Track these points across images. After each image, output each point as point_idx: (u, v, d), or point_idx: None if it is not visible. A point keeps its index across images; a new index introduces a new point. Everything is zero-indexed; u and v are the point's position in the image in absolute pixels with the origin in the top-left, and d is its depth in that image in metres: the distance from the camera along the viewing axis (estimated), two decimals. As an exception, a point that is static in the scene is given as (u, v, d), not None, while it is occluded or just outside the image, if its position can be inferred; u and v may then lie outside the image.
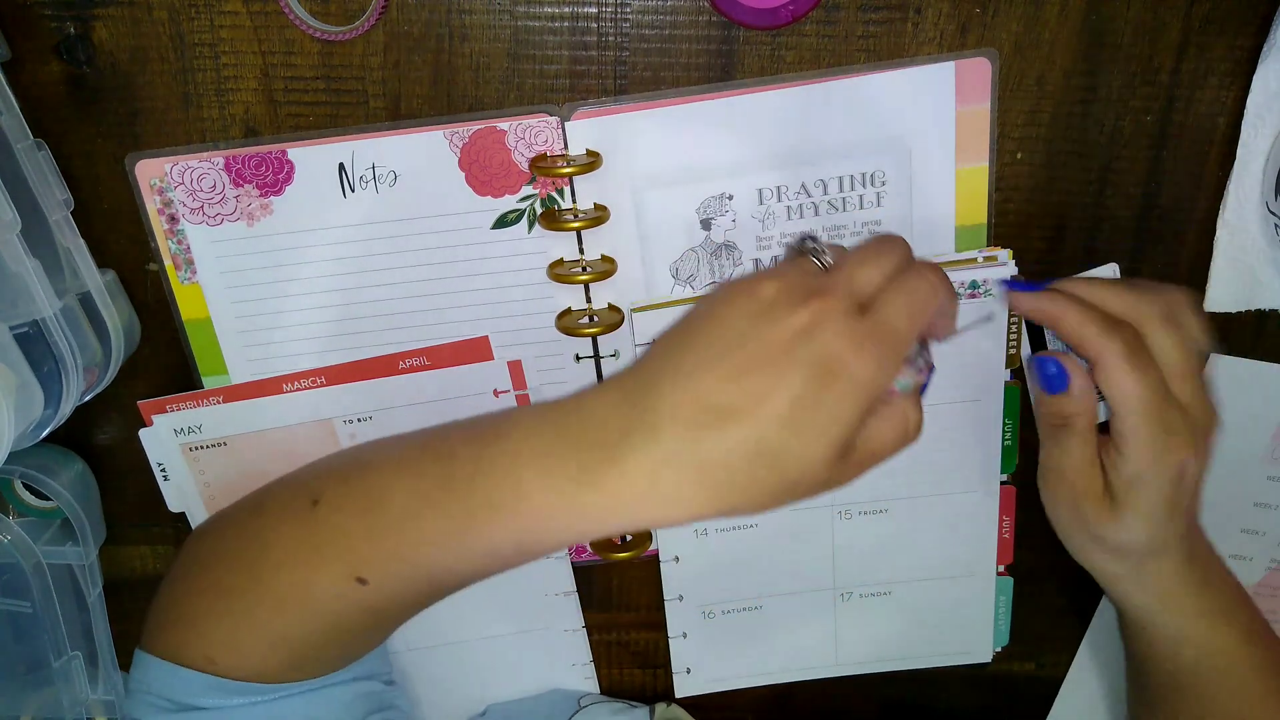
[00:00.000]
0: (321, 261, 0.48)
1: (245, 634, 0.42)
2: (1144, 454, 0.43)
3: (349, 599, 0.41)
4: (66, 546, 0.53)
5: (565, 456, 0.38)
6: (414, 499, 0.40)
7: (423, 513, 0.40)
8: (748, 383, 0.36)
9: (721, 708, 0.60)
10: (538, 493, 0.38)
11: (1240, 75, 0.46)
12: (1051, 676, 0.61)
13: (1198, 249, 0.49)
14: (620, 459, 0.37)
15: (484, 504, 0.39)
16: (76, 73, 0.45)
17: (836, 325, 0.36)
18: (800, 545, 0.55)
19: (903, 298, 0.38)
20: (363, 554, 0.41)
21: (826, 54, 0.45)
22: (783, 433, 0.36)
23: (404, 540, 0.40)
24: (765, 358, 0.36)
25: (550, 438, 0.39)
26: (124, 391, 0.51)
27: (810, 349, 0.36)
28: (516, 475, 0.38)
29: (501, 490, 0.39)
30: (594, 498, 0.37)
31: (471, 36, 0.45)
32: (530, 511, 0.38)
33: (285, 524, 0.43)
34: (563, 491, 0.38)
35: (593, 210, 0.47)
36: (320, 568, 0.41)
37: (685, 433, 0.36)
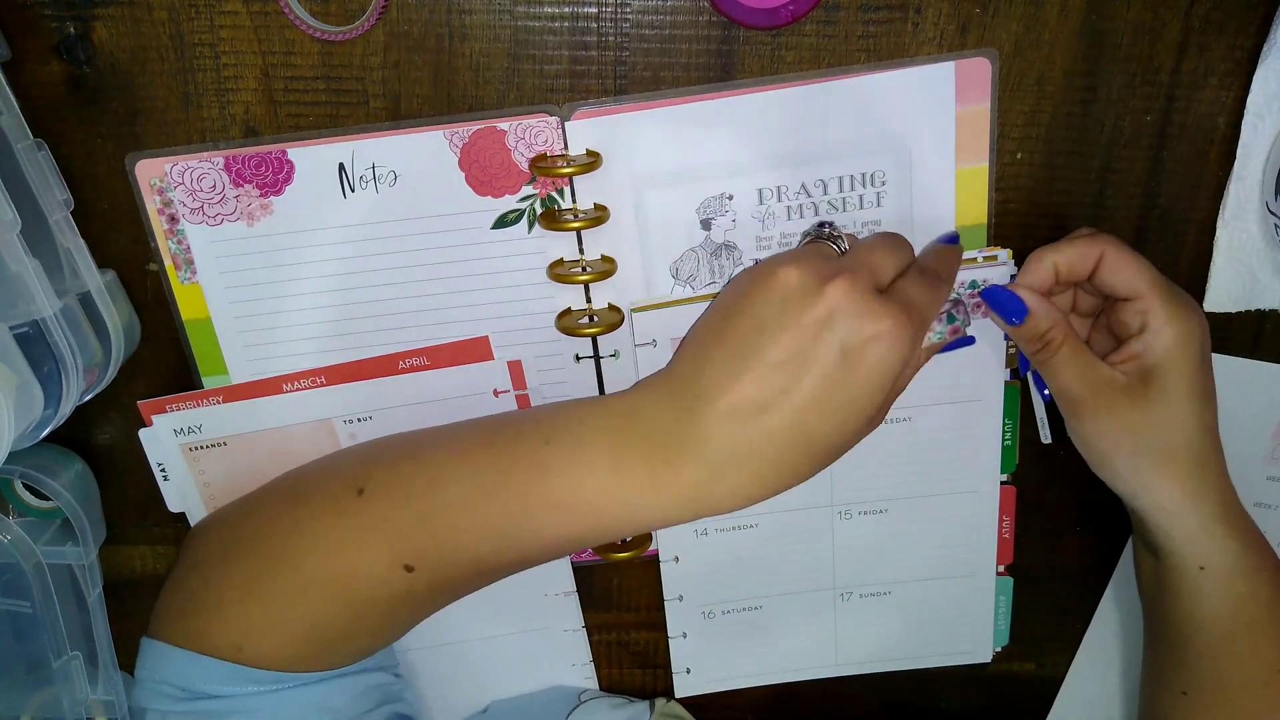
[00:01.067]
0: (321, 261, 0.48)
1: (280, 621, 0.43)
2: (1171, 320, 0.44)
3: (394, 586, 0.42)
4: (66, 546, 0.53)
5: (627, 460, 0.40)
6: (472, 491, 0.41)
7: (479, 505, 0.41)
8: (780, 376, 0.39)
9: (722, 707, 0.60)
10: (601, 494, 0.40)
11: (1240, 75, 0.46)
12: (1051, 676, 0.61)
13: (1198, 249, 0.49)
14: (679, 463, 0.40)
15: (544, 502, 0.41)
16: (76, 73, 0.45)
17: (858, 305, 0.38)
18: (800, 545, 0.55)
19: (919, 275, 0.42)
20: (413, 541, 0.42)
21: (826, 54, 0.45)
22: (818, 416, 0.39)
23: (458, 529, 0.41)
24: (795, 348, 0.39)
25: (611, 440, 0.41)
26: (124, 391, 0.51)
27: (836, 333, 0.38)
28: (578, 478, 0.40)
29: (563, 490, 0.40)
30: (655, 498, 0.40)
31: (471, 36, 0.45)
32: (592, 511, 0.40)
33: (328, 512, 0.43)
34: (625, 493, 0.40)
35: (593, 210, 0.47)
36: (366, 554, 0.42)
37: (734, 432, 0.39)
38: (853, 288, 0.39)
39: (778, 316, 0.39)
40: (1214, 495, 0.46)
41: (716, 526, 0.54)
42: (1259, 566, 0.46)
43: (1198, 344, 0.44)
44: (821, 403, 0.38)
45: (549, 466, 0.41)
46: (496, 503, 0.41)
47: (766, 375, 0.38)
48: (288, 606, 0.43)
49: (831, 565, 0.56)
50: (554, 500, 0.41)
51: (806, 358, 0.38)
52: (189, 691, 0.42)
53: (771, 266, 0.40)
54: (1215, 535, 0.46)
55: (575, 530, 0.41)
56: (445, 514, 0.42)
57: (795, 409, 0.38)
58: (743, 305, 0.40)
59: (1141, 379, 0.44)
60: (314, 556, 0.43)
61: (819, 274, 0.39)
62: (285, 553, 0.43)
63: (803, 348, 0.38)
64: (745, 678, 0.59)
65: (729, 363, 0.39)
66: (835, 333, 0.38)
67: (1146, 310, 0.44)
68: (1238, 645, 0.47)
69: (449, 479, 0.42)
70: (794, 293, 0.39)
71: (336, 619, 0.43)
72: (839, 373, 0.38)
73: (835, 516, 0.55)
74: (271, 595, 0.43)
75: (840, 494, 0.54)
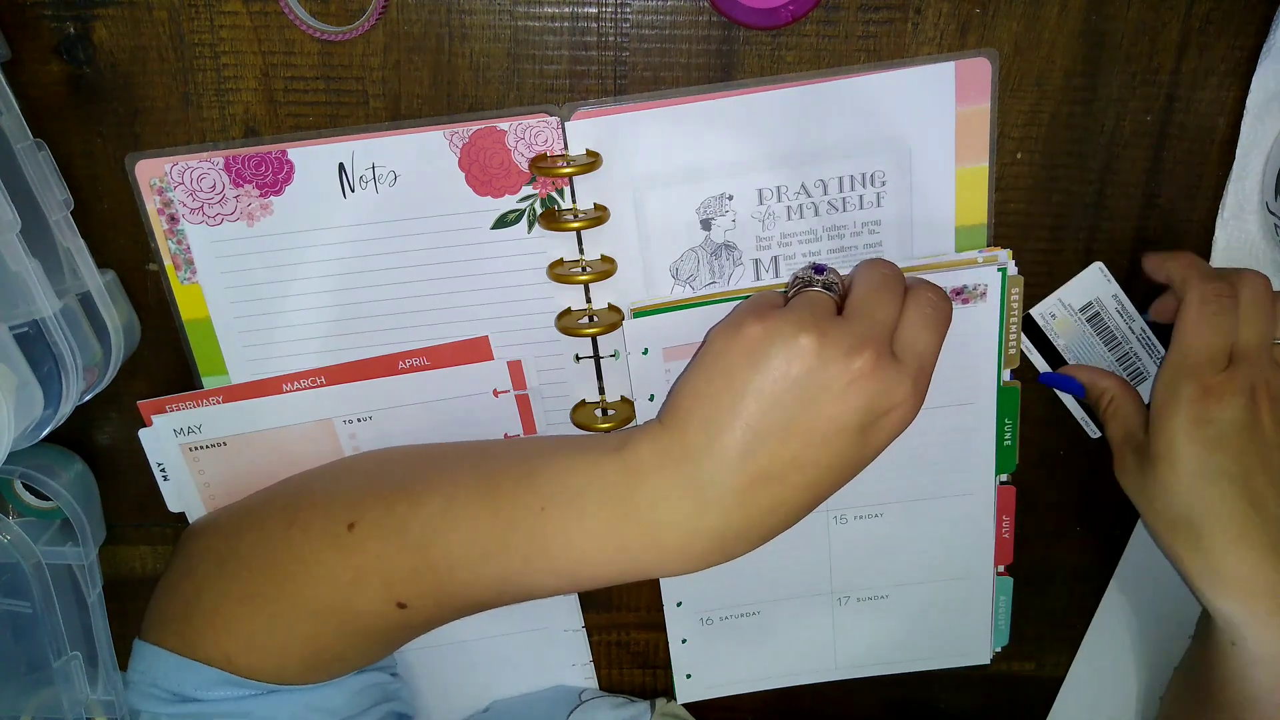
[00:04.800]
0: (321, 261, 0.48)
1: (273, 638, 0.43)
2: (1159, 394, 0.46)
3: (388, 619, 0.43)
4: (66, 546, 0.53)
5: (631, 536, 0.40)
6: (470, 549, 0.41)
7: (477, 563, 0.41)
8: (805, 454, 0.39)
9: (722, 707, 0.60)
10: (602, 565, 0.41)
11: (1240, 75, 0.46)
12: (1051, 676, 0.61)
13: (1198, 249, 0.49)
14: (684, 536, 0.40)
15: (544, 567, 0.41)
16: (76, 73, 0.45)
17: (881, 380, 0.39)
18: (796, 550, 0.55)
19: (920, 319, 0.41)
20: (408, 585, 0.42)
21: (826, 54, 0.45)
22: (831, 482, 0.40)
23: (454, 580, 0.42)
24: (820, 428, 0.39)
25: (613, 513, 0.40)
26: (124, 391, 0.51)
27: (858, 410, 0.38)
28: (579, 547, 0.40)
29: (564, 557, 0.41)
30: (661, 566, 0.41)
31: (471, 36, 0.45)
32: (587, 571, 0.41)
33: (321, 545, 0.43)
34: (623, 556, 0.40)
35: (593, 210, 0.47)
36: (361, 588, 0.42)
37: (745, 504, 0.39)
38: (877, 362, 0.38)
39: (798, 391, 0.38)
40: (1240, 570, 0.44)
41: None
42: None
43: (1191, 421, 0.44)
44: (836, 472, 0.40)
45: (548, 535, 0.40)
46: (494, 562, 0.41)
47: (786, 453, 0.39)
48: (282, 628, 0.43)
49: (828, 570, 0.56)
50: (554, 567, 0.41)
51: (827, 438, 0.39)
52: (180, 695, 0.42)
53: (787, 333, 0.39)
54: (1241, 614, 0.44)
55: (576, 585, 0.42)
56: (441, 564, 0.42)
57: (810, 483, 0.39)
58: (757, 379, 0.39)
59: (1150, 452, 0.47)
60: (309, 585, 0.43)
61: (838, 345, 0.38)
62: (280, 575, 0.43)
63: (826, 430, 0.38)
64: (745, 683, 0.59)
65: (745, 441, 0.39)
66: (858, 410, 0.38)
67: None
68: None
69: (445, 530, 0.41)
70: (813, 367, 0.38)
71: (330, 642, 0.43)
72: (856, 447, 0.39)
73: (831, 521, 0.54)
74: (265, 614, 0.43)
75: (835, 499, 0.53)
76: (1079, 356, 0.51)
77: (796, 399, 0.38)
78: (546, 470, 0.42)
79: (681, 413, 0.41)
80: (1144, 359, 0.51)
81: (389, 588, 0.42)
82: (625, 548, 0.40)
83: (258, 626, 0.43)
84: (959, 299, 0.48)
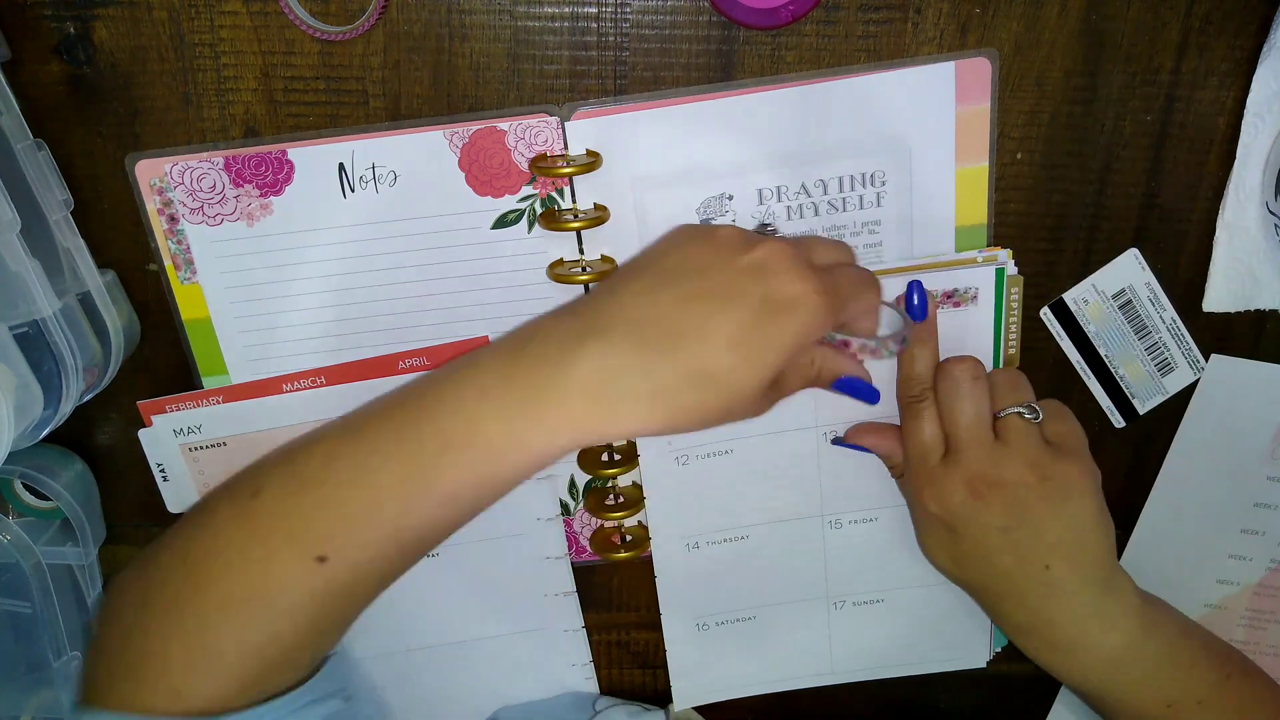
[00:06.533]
0: (321, 261, 0.48)
1: (207, 649, 0.39)
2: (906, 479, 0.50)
3: (312, 583, 0.39)
4: (66, 546, 0.53)
5: (515, 379, 0.39)
6: (365, 456, 0.39)
7: (375, 468, 0.39)
8: (701, 306, 0.38)
9: (722, 707, 0.60)
10: (490, 420, 0.38)
11: (1240, 75, 0.46)
12: (1051, 676, 0.61)
13: (1198, 249, 0.49)
14: (570, 364, 0.38)
15: (437, 446, 0.39)
16: (76, 73, 0.45)
17: (789, 263, 0.39)
18: (791, 555, 0.55)
19: (848, 271, 0.43)
20: (317, 529, 0.39)
21: (826, 54, 0.45)
22: (728, 356, 0.38)
23: (358, 501, 0.39)
24: (721, 285, 0.39)
25: (500, 365, 0.39)
26: (124, 391, 0.51)
27: (763, 283, 0.39)
28: (468, 408, 0.39)
29: (454, 426, 0.39)
30: (544, 411, 0.38)
31: (471, 36, 0.45)
32: (484, 442, 0.38)
33: (227, 525, 0.41)
34: (514, 413, 0.38)
35: (593, 210, 0.47)
36: (274, 556, 0.39)
37: (637, 345, 0.38)
38: (788, 248, 0.40)
39: (708, 256, 0.40)
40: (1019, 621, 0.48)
41: (708, 540, 0.54)
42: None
43: (932, 527, 0.48)
44: (733, 344, 0.38)
45: (441, 402, 0.39)
46: (391, 461, 0.39)
47: (686, 304, 0.38)
48: (210, 634, 0.39)
49: (823, 574, 0.56)
50: (446, 438, 0.38)
51: (730, 299, 0.38)
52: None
53: (710, 225, 0.42)
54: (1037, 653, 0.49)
55: (472, 474, 0.39)
56: (342, 490, 0.39)
57: (707, 344, 0.38)
58: (672, 246, 0.41)
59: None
60: (224, 576, 0.40)
61: (755, 234, 0.41)
62: (195, 578, 0.40)
63: (728, 289, 0.39)
64: (741, 688, 0.59)
65: (649, 286, 0.39)
66: (762, 281, 0.39)
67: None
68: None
69: (342, 454, 0.40)
70: (729, 241, 0.40)
71: (265, 634, 0.40)
72: (756, 318, 0.38)
73: (825, 526, 0.54)
74: (190, 627, 0.40)
75: (830, 503, 0.54)
76: (1108, 344, 0.51)
77: (707, 261, 0.40)
78: (448, 364, 0.41)
79: (602, 281, 0.42)
80: (1173, 350, 0.51)
81: (298, 542, 0.39)
82: (511, 400, 0.38)
83: (191, 645, 0.39)
84: (950, 303, 0.48)
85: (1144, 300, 0.50)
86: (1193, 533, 0.55)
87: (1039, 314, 0.51)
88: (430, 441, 0.39)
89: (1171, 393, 0.52)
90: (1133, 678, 0.46)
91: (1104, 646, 0.46)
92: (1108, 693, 0.47)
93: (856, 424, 0.51)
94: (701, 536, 0.54)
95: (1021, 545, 0.45)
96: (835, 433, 0.52)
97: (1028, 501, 0.45)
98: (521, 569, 0.55)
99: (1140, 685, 0.46)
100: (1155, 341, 0.51)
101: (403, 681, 0.58)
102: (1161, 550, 0.55)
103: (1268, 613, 0.57)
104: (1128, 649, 0.46)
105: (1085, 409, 0.53)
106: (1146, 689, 0.46)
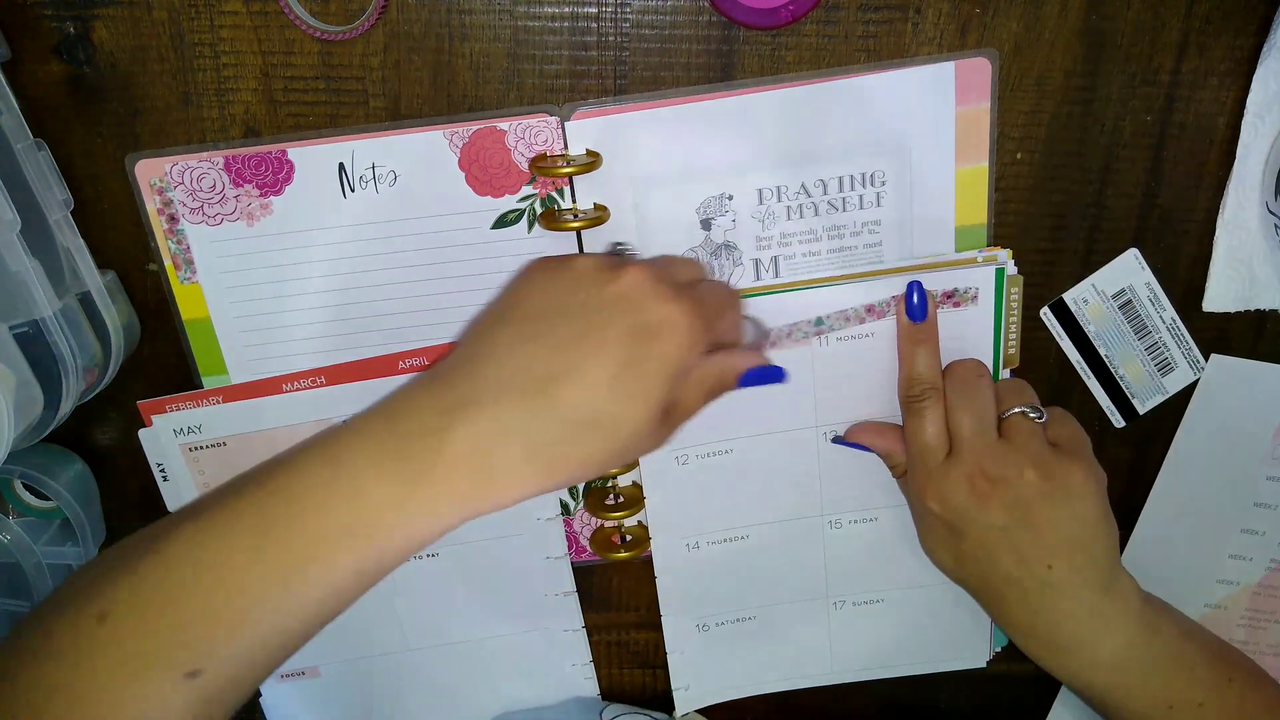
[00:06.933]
0: (321, 261, 0.48)
1: None
2: (908, 477, 0.49)
3: (184, 699, 0.35)
4: (66, 546, 0.53)
5: (389, 461, 0.36)
6: (231, 557, 0.35)
7: (244, 569, 0.35)
8: (572, 351, 0.37)
9: (722, 708, 0.60)
10: (368, 506, 0.36)
11: (1240, 75, 0.46)
12: (1051, 677, 0.61)
13: (1198, 249, 0.49)
14: (445, 442, 0.36)
15: (312, 537, 0.35)
16: (76, 73, 0.45)
17: (652, 288, 0.38)
18: (791, 555, 0.55)
19: (710, 286, 0.42)
20: (185, 645, 0.35)
21: (826, 54, 0.45)
22: (610, 397, 0.37)
23: (230, 609, 0.35)
24: (588, 324, 0.37)
25: (371, 446, 0.37)
26: (124, 391, 0.51)
27: (630, 313, 0.38)
28: (342, 494, 0.36)
29: (329, 516, 0.35)
30: (425, 491, 0.36)
31: (471, 36, 0.45)
32: (364, 530, 0.36)
33: (72, 653, 0.35)
34: (393, 496, 0.36)
35: (593, 210, 0.47)
36: (136, 680, 0.34)
37: (512, 406, 0.36)
38: (648, 273, 0.39)
39: (569, 295, 0.38)
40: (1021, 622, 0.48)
41: (708, 540, 0.54)
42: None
43: (933, 525, 0.48)
44: (612, 383, 0.36)
45: (311, 490, 0.36)
46: (265, 559, 0.35)
47: (556, 352, 0.37)
48: None
49: (823, 574, 0.56)
50: (321, 529, 0.35)
51: (600, 338, 0.37)
52: None
53: (562, 256, 0.40)
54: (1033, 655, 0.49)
55: (354, 562, 0.36)
56: (209, 598, 0.35)
57: (586, 388, 0.36)
58: (530, 288, 0.39)
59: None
60: (75, 713, 0.34)
61: (614, 262, 0.39)
62: (42, 718, 0.34)
63: (596, 328, 0.37)
64: (741, 689, 0.59)
65: (514, 340, 0.38)
66: (628, 312, 0.38)
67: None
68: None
69: (204, 558, 0.35)
70: (588, 273, 0.39)
71: None
72: (630, 352, 0.37)
73: (825, 526, 0.54)
74: None
75: (830, 503, 0.54)
76: (1108, 344, 0.51)
77: (569, 301, 0.38)
78: (305, 442, 0.38)
79: (459, 339, 0.39)
80: (1173, 349, 0.51)
81: (165, 662, 0.35)
82: (389, 480, 0.36)
83: None
84: (950, 303, 0.48)
85: (1144, 300, 0.50)
86: (1193, 533, 0.55)
87: (1039, 314, 0.51)
88: (304, 534, 0.36)
89: (1171, 393, 0.52)
90: (1133, 679, 0.46)
91: (1105, 648, 0.46)
92: (1108, 694, 0.47)
93: (857, 423, 0.51)
94: (701, 536, 0.54)
95: (1023, 545, 0.45)
96: (835, 432, 0.52)
97: (1030, 501, 0.45)
98: (521, 569, 0.55)
99: (1141, 687, 0.46)
100: (1155, 341, 0.51)
101: (403, 682, 0.58)
102: (1161, 550, 0.55)
103: (1268, 613, 0.57)
104: (1129, 650, 0.46)
105: (1085, 409, 0.53)
106: (1147, 690, 0.46)
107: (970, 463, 0.45)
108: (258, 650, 0.36)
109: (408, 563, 0.53)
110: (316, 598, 0.36)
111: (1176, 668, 0.46)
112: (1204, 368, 0.52)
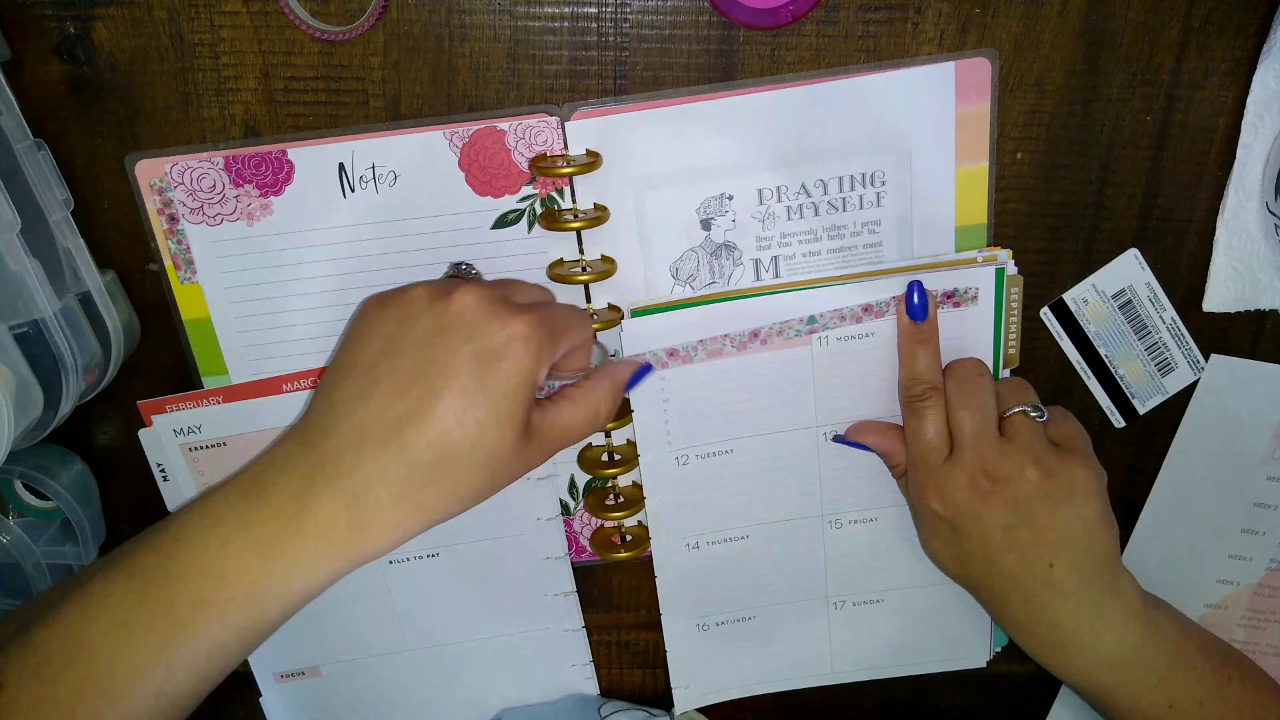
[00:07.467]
0: (321, 261, 0.48)
1: None
2: (909, 477, 0.49)
3: None
4: (66, 546, 0.53)
5: (257, 521, 0.37)
6: (115, 629, 0.36)
7: (127, 640, 0.36)
8: (416, 389, 0.37)
9: (722, 708, 0.60)
10: (242, 570, 0.36)
11: (1240, 75, 0.46)
12: (1051, 677, 0.61)
13: (1198, 249, 0.49)
14: (312, 503, 0.36)
15: (189, 604, 0.36)
16: (76, 73, 0.45)
17: (488, 308, 0.38)
18: (791, 555, 0.55)
19: (557, 307, 0.41)
20: (77, 714, 0.36)
21: (826, 54, 0.45)
22: (460, 430, 0.37)
23: (116, 676, 0.36)
24: (427, 360, 0.37)
25: (238, 513, 0.37)
26: (124, 391, 0.51)
27: (469, 339, 0.37)
28: (213, 561, 0.37)
29: (204, 582, 0.36)
30: (298, 552, 0.36)
31: (471, 36, 0.45)
32: (241, 593, 0.37)
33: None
34: (263, 556, 0.36)
35: (593, 210, 0.47)
36: None
37: (371, 457, 0.36)
38: (482, 295, 0.38)
39: (406, 330, 0.38)
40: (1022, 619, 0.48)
41: (708, 540, 0.54)
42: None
43: (935, 524, 0.48)
44: (460, 415, 0.37)
45: (185, 565, 0.37)
46: (146, 629, 0.36)
47: (401, 394, 0.37)
48: None
49: (823, 574, 0.56)
50: (197, 595, 0.36)
51: (440, 368, 0.37)
52: None
53: (396, 289, 0.40)
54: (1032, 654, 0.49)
55: (236, 622, 0.37)
56: (97, 667, 0.36)
57: (434, 423, 0.36)
58: (369, 330, 0.39)
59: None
60: None
61: (445, 287, 0.39)
62: None
63: (435, 358, 0.37)
64: (741, 688, 0.59)
65: (359, 392, 0.37)
66: (467, 339, 0.37)
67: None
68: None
69: (89, 631, 0.36)
70: (420, 303, 0.38)
71: None
72: (475, 379, 0.37)
73: (825, 525, 0.54)
74: None
75: (830, 503, 0.54)
76: (1108, 344, 0.51)
77: (407, 339, 0.38)
78: (182, 510, 0.39)
79: (313, 393, 0.39)
80: (1173, 350, 0.51)
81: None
82: (258, 542, 0.36)
83: None
84: (950, 303, 0.48)
85: (1144, 300, 0.50)
86: (1193, 533, 0.55)
87: (1039, 314, 0.51)
88: (182, 601, 0.36)
89: (1171, 393, 0.52)
90: (1134, 678, 0.46)
91: (1105, 647, 0.46)
92: (1108, 693, 0.47)
93: (857, 422, 0.51)
94: (701, 536, 0.54)
95: (1024, 544, 0.45)
96: (835, 432, 0.52)
97: (1032, 500, 0.45)
98: (521, 569, 0.55)
99: (1141, 686, 0.46)
100: (1155, 341, 0.51)
101: (403, 682, 0.58)
102: (1161, 550, 0.55)
103: (1268, 613, 0.57)
104: (1129, 650, 0.46)
105: (1085, 409, 0.53)
106: (1147, 690, 0.46)
107: (972, 462, 0.45)
108: (150, 713, 0.37)
109: (408, 563, 0.53)
110: (199, 663, 0.37)
111: (1177, 667, 0.46)
112: (1204, 368, 0.52)
